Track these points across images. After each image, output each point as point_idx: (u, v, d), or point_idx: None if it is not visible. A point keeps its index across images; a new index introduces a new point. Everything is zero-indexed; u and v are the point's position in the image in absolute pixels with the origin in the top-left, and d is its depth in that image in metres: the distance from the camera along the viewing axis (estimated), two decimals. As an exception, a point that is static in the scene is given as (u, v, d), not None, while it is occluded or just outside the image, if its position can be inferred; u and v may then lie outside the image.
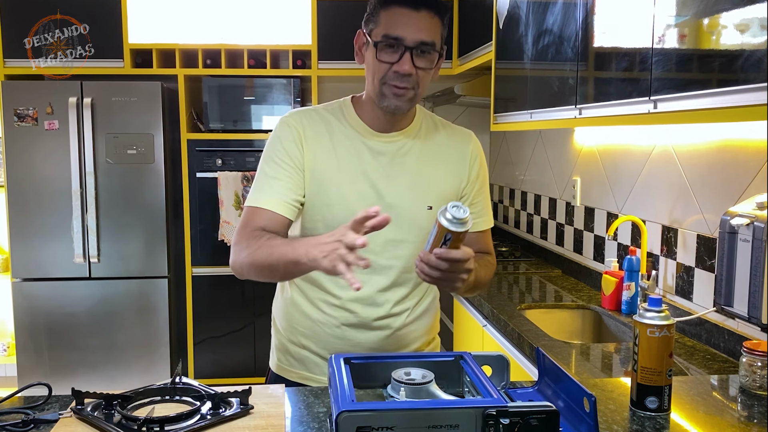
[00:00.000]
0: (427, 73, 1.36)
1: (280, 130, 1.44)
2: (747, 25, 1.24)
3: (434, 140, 1.49)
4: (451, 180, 1.48)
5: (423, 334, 1.54)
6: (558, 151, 3.03)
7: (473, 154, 1.51)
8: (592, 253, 2.66)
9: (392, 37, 1.32)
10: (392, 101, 1.36)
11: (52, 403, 1.21)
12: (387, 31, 1.33)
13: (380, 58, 1.34)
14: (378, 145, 1.43)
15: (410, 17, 1.32)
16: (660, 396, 1.19)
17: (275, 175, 1.39)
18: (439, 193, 1.45)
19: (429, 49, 1.34)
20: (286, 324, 1.53)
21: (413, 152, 1.45)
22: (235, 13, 3.65)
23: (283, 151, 1.40)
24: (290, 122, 1.43)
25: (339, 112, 1.47)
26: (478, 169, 1.52)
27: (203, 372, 3.79)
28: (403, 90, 1.35)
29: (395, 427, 0.96)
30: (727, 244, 1.33)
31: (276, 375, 1.55)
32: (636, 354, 1.20)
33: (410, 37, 1.32)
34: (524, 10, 2.47)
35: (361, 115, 1.45)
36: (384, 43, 1.33)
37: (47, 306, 3.58)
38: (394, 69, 1.33)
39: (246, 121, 3.73)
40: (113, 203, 3.55)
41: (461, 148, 1.50)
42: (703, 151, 1.93)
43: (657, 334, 1.17)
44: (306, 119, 1.44)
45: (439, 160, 1.47)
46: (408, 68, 1.32)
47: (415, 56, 1.33)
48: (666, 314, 1.19)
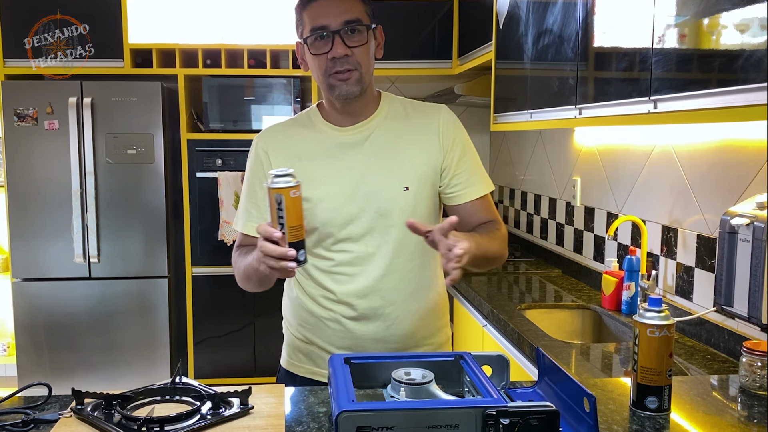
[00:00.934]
0: (363, 49, 1.40)
1: (250, 155, 1.54)
2: (747, 25, 1.24)
3: (402, 122, 1.50)
4: (425, 156, 1.48)
5: (429, 321, 1.54)
6: (558, 151, 3.03)
7: (444, 125, 1.50)
8: (592, 253, 2.66)
9: (317, 27, 1.38)
10: (341, 88, 1.40)
11: (52, 403, 1.21)
12: (312, 24, 1.39)
13: (314, 52, 1.40)
14: (346, 139, 1.47)
15: (327, 4, 1.38)
16: (660, 396, 1.19)
17: (250, 200, 1.51)
18: (414, 171, 1.46)
19: (356, 26, 1.38)
20: (293, 321, 1.57)
21: (381, 138, 1.47)
22: (235, 13, 3.65)
23: (252, 174, 1.51)
24: (257, 145, 1.53)
25: (307, 120, 1.53)
26: (453, 137, 1.49)
27: (203, 372, 3.79)
28: (346, 74, 1.39)
29: (395, 427, 0.96)
30: (727, 244, 1.33)
31: (286, 371, 1.58)
32: (636, 354, 1.20)
33: (333, 21, 1.37)
34: (524, 10, 2.47)
35: (326, 116, 1.51)
36: (313, 36, 1.39)
37: (47, 306, 3.58)
38: (330, 56, 1.38)
39: (246, 121, 3.73)
40: (113, 203, 3.55)
41: (430, 123, 1.50)
42: (703, 151, 1.93)
43: (657, 334, 1.17)
44: (269, 135, 1.53)
45: (409, 140, 1.48)
46: (341, 50, 1.37)
47: (345, 38, 1.38)
48: (666, 314, 1.19)
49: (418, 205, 1.46)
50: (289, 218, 1.17)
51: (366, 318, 1.46)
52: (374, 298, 1.46)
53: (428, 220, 1.49)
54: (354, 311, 1.46)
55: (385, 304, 1.46)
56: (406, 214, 1.44)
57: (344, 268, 1.46)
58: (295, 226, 1.18)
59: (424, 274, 1.52)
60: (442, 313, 1.60)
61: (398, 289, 1.47)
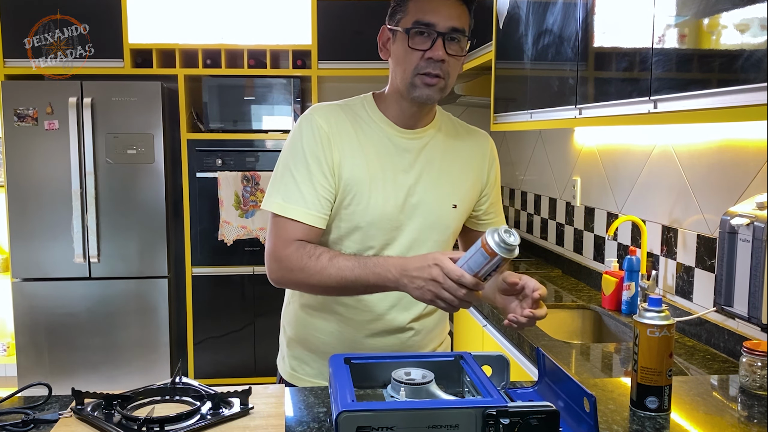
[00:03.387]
0: (458, 61, 1.35)
1: (306, 128, 1.36)
2: (747, 25, 1.24)
3: (455, 138, 1.48)
4: (474, 179, 1.47)
5: (437, 335, 1.54)
6: (558, 151, 3.03)
7: (491, 155, 1.52)
8: (592, 253, 2.66)
9: (424, 23, 1.30)
10: (424, 91, 1.33)
11: (52, 403, 1.21)
12: (418, 17, 1.31)
13: (412, 46, 1.31)
14: (403, 142, 1.40)
15: (440, 3, 1.31)
16: (660, 396, 1.19)
17: (305, 181, 1.33)
18: (463, 191, 1.45)
19: (460, 36, 1.32)
20: (301, 331, 1.49)
21: (437, 149, 1.43)
22: (235, 13, 3.65)
23: (312, 154, 1.34)
24: (316, 119, 1.37)
25: (361, 109, 1.42)
26: (496, 170, 1.53)
27: (203, 372, 3.79)
28: (435, 79, 1.32)
29: (395, 427, 0.95)
30: (727, 244, 1.33)
31: (288, 384, 1.52)
32: (636, 354, 1.20)
33: (442, 23, 1.30)
34: (524, 10, 2.47)
35: (385, 111, 1.41)
36: (415, 30, 1.31)
37: (47, 306, 3.58)
38: (427, 56, 1.31)
39: (246, 121, 3.73)
40: (113, 203, 3.55)
41: (481, 148, 1.50)
42: (703, 151, 1.93)
43: (657, 334, 1.17)
44: (332, 115, 1.39)
45: (461, 158, 1.46)
46: (441, 54, 1.30)
47: (447, 43, 1.31)
48: (666, 314, 1.19)
49: (459, 224, 1.47)
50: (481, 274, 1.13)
51: (387, 332, 1.43)
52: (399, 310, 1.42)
53: (454, 240, 1.50)
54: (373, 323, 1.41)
55: (408, 317, 1.43)
56: (449, 231, 1.44)
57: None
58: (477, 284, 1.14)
59: None
60: (447, 326, 1.60)
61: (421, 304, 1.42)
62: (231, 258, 3.75)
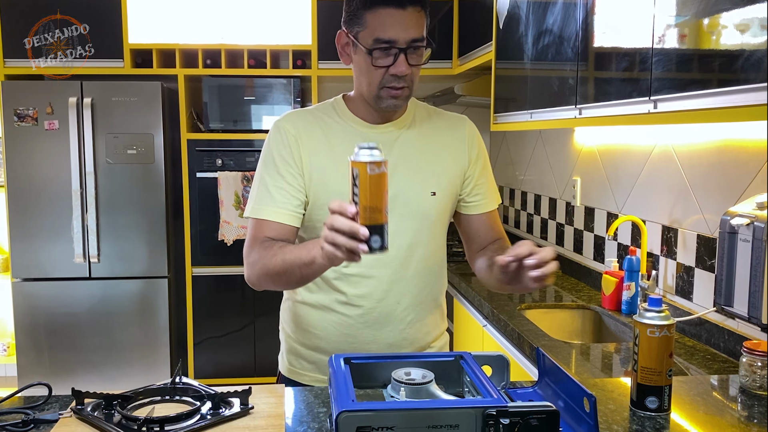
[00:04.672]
0: (419, 68, 1.37)
1: (274, 135, 1.43)
2: (747, 25, 1.24)
3: (429, 127, 1.50)
4: (452, 164, 1.48)
5: (435, 326, 1.54)
6: (558, 151, 3.03)
7: (470, 136, 1.52)
8: (592, 253, 2.66)
9: (384, 41, 1.31)
10: (390, 102, 1.37)
11: (52, 403, 1.21)
12: (378, 34, 1.31)
13: (376, 64, 1.34)
14: (375, 136, 1.43)
15: (399, 17, 1.31)
16: (660, 396, 1.19)
17: (276, 183, 1.39)
18: (441, 178, 1.46)
19: (420, 45, 1.34)
20: (296, 327, 1.52)
21: (410, 140, 1.46)
22: (235, 13, 3.65)
23: (280, 157, 1.40)
24: (283, 125, 1.43)
25: (332, 110, 1.48)
26: (477, 149, 1.52)
27: (203, 372, 3.79)
28: (400, 90, 1.36)
29: (395, 427, 0.96)
30: (727, 244, 1.33)
31: (287, 379, 1.54)
32: (636, 354, 1.20)
33: (402, 37, 1.31)
34: (524, 10, 2.47)
35: (355, 111, 1.46)
36: (377, 48, 1.33)
37: (47, 306, 3.58)
38: (390, 72, 1.33)
39: (246, 121, 3.73)
40: (113, 203, 3.55)
41: (457, 132, 1.51)
42: (703, 151, 1.93)
43: (657, 334, 1.17)
44: (299, 120, 1.45)
45: (437, 145, 1.48)
46: (405, 69, 1.33)
47: (408, 55, 1.33)
48: (666, 314, 1.19)
49: (441, 211, 1.47)
50: (363, 196, 1.04)
51: (379, 322, 1.44)
52: (389, 301, 1.44)
53: (444, 226, 1.51)
54: (368, 315, 1.43)
55: (400, 307, 1.45)
56: (429, 220, 1.44)
57: (359, 269, 1.41)
58: (370, 207, 1.04)
59: (437, 279, 1.52)
60: (444, 317, 1.61)
61: (414, 292, 1.46)
62: (231, 258, 3.75)
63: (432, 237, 1.47)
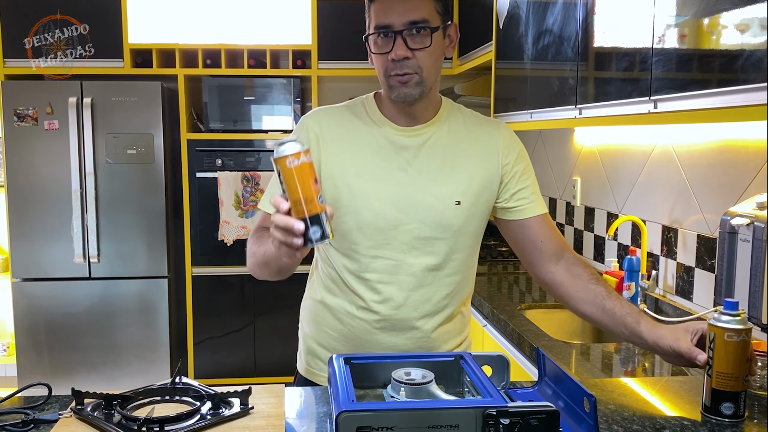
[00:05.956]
0: (427, 52, 1.32)
1: (297, 129, 1.43)
2: (747, 25, 1.24)
3: (461, 132, 1.44)
4: (482, 171, 1.41)
5: (455, 335, 1.50)
6: (558, 151, 3.03)
7: (506, 143, 1.44)
8: (593, 253, 2.66)
9: (381, 26, 1.30)
10: (400, 90, 1.33)
11: (52, 403, 1.21)
12: (377, 21, 1.31)
13: (375, 51, 1.33)
14: (401, 140, 1.39)
15: (394, 1, 1.29)
16: (736, 402, 1.16)
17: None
18: (468, 186, 1.40)
19: (422, 28, 1.30)
20: (315, 327, 1.50)
21: (439, 145, 1.41)
22: (235, 13, 3.65)
23: None
24: (308, 122, 1.42)
25: (361, 109, 1.44)
26: (516, 155, 1.44)
27: (203, 372, 3.79)
28: (405, 76, 1.32)
29: (395, 427, 0.96)
30: (727, 244, 1.33)
31: (305, 379, 1.53)
32: (711, 359, 1.17)
33: (397, 21, 1.29)
34: (524, 10, 2.47)
35: (383, 110, 1.42)
36: (375, 34, 1.32)
37: (47, 306, 3.58)
38: (390, 57, 1.31)
39: (246, 121, 3.73)
40: (113, 203, 3.55)
41: (490, 138, 1.44)
42: (703, 151, 1.93)
43: (735, 338, 1.14)
44: (325, 118, 1.43)
45: (467, 152, 1.42)
46: (401, 53, 1.29)
47: (408, 39, 1.30)
48: (742, 317, 1.16)
49: (468, 220, 1.41)
50: (290, 192, 1.04)
51: (396, 329, 1.41)
52: (408, 309, 1.40)
53: (473, 237, 1.45)
54: (385, 321, 1.41)
55: (417, 316, 1.41)
56: (452, 229, 1.39)
57: (379, 275, 1.39)
58: (298, 200, 1.03)
59: (458, 289, 1.46)
60: (467, 324, 1.55)
61: (433, 302, 1.42)
62: (231, 258, 3.75)
63: (457, 247, 1.41)
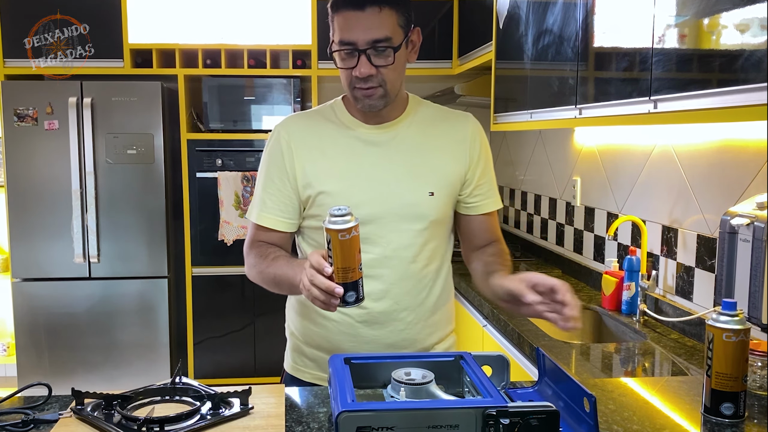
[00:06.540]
0: (390, 68, 1.35)
1: (270, 142, 1.48)
2: (747, 25, 1.24)
3: (430, 126, 1.49)
4: (453, 164, 1.47)
5: (439, 328, 1.53)
6: (558, 151, 3.03)
7: (473, 135, 1.50)
8: (592, 253, 2.66)
9: (345, 42, 1.32)
10: (365, 102, 1.38)
11: (52, 403, 1.21)
12: (340, 36, 1.33)
13: (340, 66, 1.36)
14: (370, 136, 1.44)
15: (357, 18, 1.31)
16: (736, 402, 1.17)
17: (267, 189, 1.46)
18: (440, 177, 1.45)
19: (385, 46, 1.32)
20: (299, 325, 1.53)
21: (408, 139, 1.45)
22: (235, 13, 3.65)
23: (273, 164, 1.45)
24: (279, 131, 1.48)
25: (330, 112, 1.49)
26: (480, 149, 1.50)
27: (203, 372, 3.79)
28: (369, 90, 1.36)
29: (395, 427, 0.96)
30: (727, 244, 1.33)
31: (291, 376, 1.56)
32: (710, 359, 1.18)
33: (361, 39, 1.31)
34: (524, 10, 2.47)
35: (352, 111, 1.47)
36: (339, 50, 1.34)
37: (47, 306, 3.58)
38: (353, 74, 1.34)
39: (246, 121, 3.73)
40: (113, 203, 3.55)
41: (460, 131, 1.50)
42: (703, 151, 1.93)
43: (734, 338, 1.15)
44: (295, 126, 1.48)
45: (437, 145, 1.47)
46: (365, 71, 1.33)
47: (372, 56, 1.32)
48: (741, 317, 1.16)
49: (440, 211, 1.45)
50: (336, 259, 1.12)
51: (378, 322, 1.44)
52: (388, 302, 1.43)
53: (446, 227, 1.50)
54: (366, 314, 1.43)
55: (399, 308, 1.44)
56: (427, 220, 1.43)
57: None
58: (344, 268, 1.12)
59: (438, 280, 1.50)
60: (451, 319, 1.60)
61: (413, 293, 1.45)
62: (231, 258, 3.75)
63: (431, 238, 1.46)
